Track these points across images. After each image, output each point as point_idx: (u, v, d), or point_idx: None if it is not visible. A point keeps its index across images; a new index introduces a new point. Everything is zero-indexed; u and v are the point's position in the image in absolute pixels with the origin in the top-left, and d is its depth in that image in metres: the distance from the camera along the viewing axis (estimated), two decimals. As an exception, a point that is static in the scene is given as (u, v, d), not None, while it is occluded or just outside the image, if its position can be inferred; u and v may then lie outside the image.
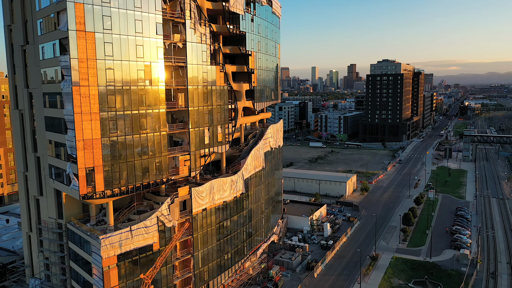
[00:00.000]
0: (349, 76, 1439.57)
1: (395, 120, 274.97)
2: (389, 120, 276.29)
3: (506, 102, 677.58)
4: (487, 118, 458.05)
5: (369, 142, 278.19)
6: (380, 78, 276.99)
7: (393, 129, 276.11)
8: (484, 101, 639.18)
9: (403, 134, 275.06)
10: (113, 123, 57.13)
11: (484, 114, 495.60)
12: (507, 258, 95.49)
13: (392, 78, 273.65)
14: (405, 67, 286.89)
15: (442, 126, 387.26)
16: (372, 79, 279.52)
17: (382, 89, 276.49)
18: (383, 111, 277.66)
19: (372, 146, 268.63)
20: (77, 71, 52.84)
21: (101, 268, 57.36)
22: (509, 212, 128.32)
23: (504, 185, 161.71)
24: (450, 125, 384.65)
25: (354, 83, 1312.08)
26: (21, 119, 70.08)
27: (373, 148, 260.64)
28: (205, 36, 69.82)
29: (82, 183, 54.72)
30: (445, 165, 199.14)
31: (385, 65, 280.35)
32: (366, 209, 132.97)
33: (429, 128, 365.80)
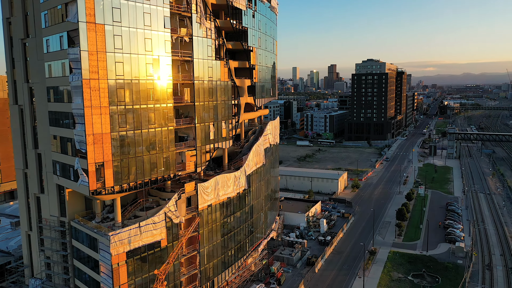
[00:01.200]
0: (329, 76, 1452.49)
1: (380, 118, 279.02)
2: (374, 119, 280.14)
3: (482, 102, 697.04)
4: (466, 117, 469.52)
5: (354, 141, 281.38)
6: (365, 77, 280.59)
7: (378, 127, 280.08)
8: (462, 101, 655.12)
9: (388, 132, 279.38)
10: (122, 117, 56.19)
11: (462, 113, 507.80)
12: (500, 250, 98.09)
13: (377, 77, 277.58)
14: (389, 66, 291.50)
15: (424, 125, 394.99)
16: (357, 78, 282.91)
17: (367, 88, 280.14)
18: (368, 110, 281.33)
19: (357, 144, 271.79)
20: (87, 64, 51.76)
21: (110, 265, 56.29)
22: (496, 206, 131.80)
23: (489, 181, 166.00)
24: (432, 124, 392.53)
25: (334, 83, 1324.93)
26: (20, 114, 68.12)
27: (359, 147, 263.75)
28: (211, 30, 69.37)
29: (92, 179, 53.60)
30: (431, 162, 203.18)
31: (369, 65, 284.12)
32: (358, 206, 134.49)
33: (411, 127, 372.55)
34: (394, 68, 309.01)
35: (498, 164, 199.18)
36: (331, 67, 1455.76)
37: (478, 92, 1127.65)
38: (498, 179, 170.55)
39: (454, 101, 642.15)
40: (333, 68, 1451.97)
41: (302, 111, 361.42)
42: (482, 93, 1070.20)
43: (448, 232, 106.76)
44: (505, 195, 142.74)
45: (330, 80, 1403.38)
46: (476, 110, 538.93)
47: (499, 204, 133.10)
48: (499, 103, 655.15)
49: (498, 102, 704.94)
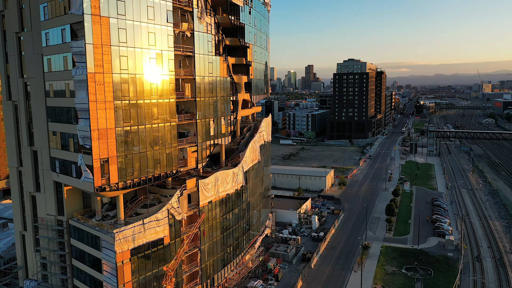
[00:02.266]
0: (306, 76, 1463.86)
1: (361, 117, 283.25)
2: (356, 118, 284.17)
3: (455, 102, 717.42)
4: (441, 116, 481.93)
5: (336, 139, 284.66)
6: (346, 76, 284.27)
7: (359, 126, 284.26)
8: (437, 101, 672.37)
9: (369, 131, 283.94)
10: (127, 112, 55.19)
11: (438, 112, 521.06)
12: (487, 243, 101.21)
13: (358, 76, 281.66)
14: (370, 66, 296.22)
15: (402, 123, 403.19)
16: (339, 78, 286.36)
17: (349, 87, 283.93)
18: (349, 109, 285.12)
19: (339, 143, 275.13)
20: (92, 58, 50.61)
21: (114, 263, 55.21)
22: (480, 201, 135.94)
23: (470, 177, 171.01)
24: (409, 123, 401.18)
25: (311, 83, 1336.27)
26: (14, 110, 65.99)
27: (341, 145, 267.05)
28: (211, 26, 68.97)
29: (96, 175, 52.44)
30: (412, 160, 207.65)
31: (351, 64, 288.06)
32: (347, 202, 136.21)
33: (390, 126, 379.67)
34: (374, 68, 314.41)
35: (476, 161, 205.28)
36: (308, 67, 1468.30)
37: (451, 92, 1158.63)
38: (478, 175, 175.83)
39: (429, 101, 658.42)
40: (310, 69, 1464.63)
41: (284, 111, 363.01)
42: (454, 93, 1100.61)
43: (437, 226, 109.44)
44: (486, 191, 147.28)
45: (307, 81, 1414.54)
46: (450, 110, 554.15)
47: (481, 199, 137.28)
48: (471, 103, 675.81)
49: (470, 102, 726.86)
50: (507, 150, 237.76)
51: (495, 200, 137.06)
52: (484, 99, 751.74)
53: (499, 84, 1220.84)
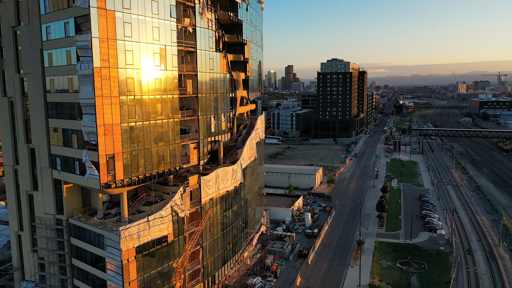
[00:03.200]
0: (286, 77, 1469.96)
1: (345, 116, 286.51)
2: (339, 117, 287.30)
3: (432, 101, 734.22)
4: (420, 115, 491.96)
5: (321, 138, 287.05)
6: (330, 76, 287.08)
7: (343, 125, 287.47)
8: (415, 101, 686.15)
9: (353, 130, 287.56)
10: (132, 107, 54.39)
11: (417, 112, 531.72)
12: (476, 236, 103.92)
13: (341, 76, 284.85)
14: (353, 66, 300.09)
15: (382, 123, 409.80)
16: (322, 77, 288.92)
17: (332, 86, 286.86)
18: (333, 108, 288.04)
19: (324, 142, 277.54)
20: (98, 52, 49.68)
21: (120, 262, 54.28)
22: (465, 196, 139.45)
23: (454, 174, 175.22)
24: (390, 122, 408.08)
25: (291, 83, 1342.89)
26: (10, 107, 64.09)
27: (326, 144, 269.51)
28: (212, 22, 68.65)
29: (103, 171, 51.48)
30: (397, 158, 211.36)
31: (334, 64, 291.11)
32: (337, 199, 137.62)
33: (372, 125, 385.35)
34: (356, 67, 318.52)
35: (458, 158, 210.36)
36: (288, 68, 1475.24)
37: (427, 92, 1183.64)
38: (461, 172, 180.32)
39: (408, 100, 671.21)
40: (290, 69, 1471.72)
41: (267, 110, 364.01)
42: (431, 93, 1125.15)
43: (427, 221, 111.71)
44: (470, 187, 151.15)
45: (287, 81, 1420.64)
46: (429, 109, 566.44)
47: (467, 195, 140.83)
48: (447, 103, 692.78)
49: (447, 101, 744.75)
50: (486, 147, 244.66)
51: (479, 196, 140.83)
52: (460, 99, 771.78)
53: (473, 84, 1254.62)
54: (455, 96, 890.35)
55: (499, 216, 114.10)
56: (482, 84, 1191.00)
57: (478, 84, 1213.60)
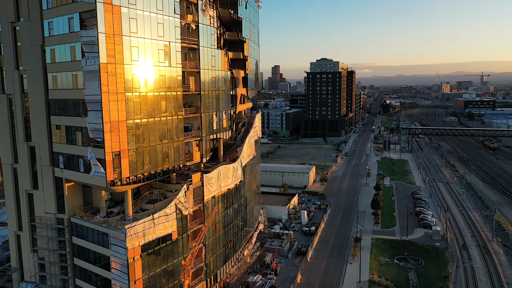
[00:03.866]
0: (273, 77, 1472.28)
1: (335, 116, 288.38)
2: (329, 116, 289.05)
3: (418, 101, 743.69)
4: (406, 114, 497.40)
5: (310, 138, 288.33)
6: (319, 75, 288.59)
7: (333, 124, 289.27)
8: (401, 100, 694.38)
9: (342, 129, 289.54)
10: (137, 104, 53.87)
11: (403, 111, 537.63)
12: (470, 232, 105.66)
13: (331, 76, 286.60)
14: (341, 65, 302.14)
15: (370, 122, 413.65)
16: (312, 77, 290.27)
17: (322, 86, 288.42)
18: (323, 108, 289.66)
19: (314, 141, 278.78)
20: (105, 47, 49.09)
21: (125, 260, 53.73)
22: (457, 193, 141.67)
23: (444, 171, 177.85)
24: (377, 121, 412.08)
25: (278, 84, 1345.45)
26: (9, 104, 62.79)
27: (316, 143, 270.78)
28: (214, 19, 68.42)
29: (109, 169, 50.91)
30: (387, 156, 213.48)
31: (324, 64, 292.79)
32: (331, 197, 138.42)
33: (360, 124, 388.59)
34: (345, 67, 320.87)
35: (447, 156, 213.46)
36: (275, 68, 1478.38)
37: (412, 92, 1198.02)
38: (451, 169, 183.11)
39: (394, 100, 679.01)
40: (276, 69, 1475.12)
41: (256, 110, 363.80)
42: (416, 93, 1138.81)
43: (421, 218, 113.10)
44: (461, 184, 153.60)
45: (274, 81, 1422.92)
46: (414, 109, 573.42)
47: (458, 192, 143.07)
48: (432, 102, 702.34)
49: (432, 101, 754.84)
50: (473, 146, 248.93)
51: (470, 193, 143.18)
52: (444, 99, 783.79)
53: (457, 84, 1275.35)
54: (440, 96, 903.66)
55: (491, 212, 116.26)
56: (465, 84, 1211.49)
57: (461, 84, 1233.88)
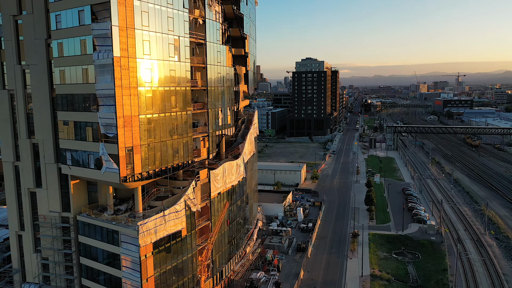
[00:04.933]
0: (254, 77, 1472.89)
1: (320, 115, 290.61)
2: (315, 115, 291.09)
3: (397, 101, 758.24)
4: (388, 114, 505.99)
5: (296, 137, 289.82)
6: (305, 75, 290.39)
7: (318, 123, 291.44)
8: (381, 100, 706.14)
9: (328, 128, 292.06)
10: (149, 99, 53.10)
11: (384, 110, 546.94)
12: (462, 226, 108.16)
13: (316, 75, 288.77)
14: (326, 65, 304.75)
15: (353, 121, 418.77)
16: (297, 76, 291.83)
17: (307, 85, 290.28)
18: (308, 107, 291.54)
19: (300, 140, 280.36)
20: (118, 41, 48.19)
21: (137, 258, 52.86)
22: (445, 189, 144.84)
23: (431, 168, 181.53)
24: (360, 120, 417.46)
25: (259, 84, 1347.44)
26: (10, 100, 60.92)
27: (302, 142, 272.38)
28: (219, 14, 68.03)
29: (122, 165, 50.00)
30: (373, 154, 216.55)
31: (309, 63, 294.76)
32: (324, 195, 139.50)
33: (343, 123, 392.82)
34: (329, 66, 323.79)
35: (431, 154, 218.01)
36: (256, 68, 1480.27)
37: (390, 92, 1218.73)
38: (437, 166, 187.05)
39: (375, 100, 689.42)
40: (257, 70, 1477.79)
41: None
42: (394, 93, 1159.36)
43: (414, 213, 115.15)
44: (447, 180, 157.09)
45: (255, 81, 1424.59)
46: (395, 108, 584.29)
47: (446, 188, 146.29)
48: (411, 102, 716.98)
49: (410, 101, 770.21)
50: (454, 143, 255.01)
51: (458, 189, 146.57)
52: (422, 99, 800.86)
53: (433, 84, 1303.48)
54: (417, 96, 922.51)
55: (482, 207, 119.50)
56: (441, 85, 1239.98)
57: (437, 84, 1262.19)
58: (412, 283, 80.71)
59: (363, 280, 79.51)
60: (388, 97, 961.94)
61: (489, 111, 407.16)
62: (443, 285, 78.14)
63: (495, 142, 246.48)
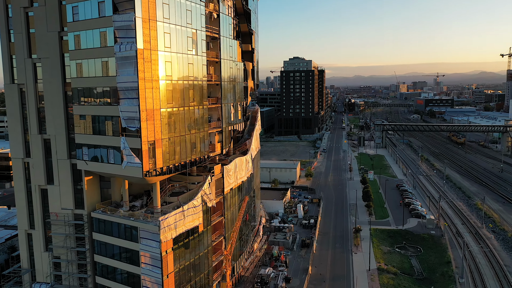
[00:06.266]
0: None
1: (308, 114, 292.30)
2: (303, 114, 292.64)
3: (379, 100, 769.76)
4: (371, 113, 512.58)
5: (284, 135, 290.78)
6: (293, 74, 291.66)
7: (306, 122, 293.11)
8: (364, 100, 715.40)
9: (316, 127, 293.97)
10: (170, 93, 52.42)
11: (367, 110, 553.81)
12: (460, 220, 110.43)
13: (304, 74, 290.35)
14: (314, 64, 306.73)
15: (338, 120, 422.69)
16: (286, 75, 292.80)
17: (295, 84, 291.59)
18: (296, 106, 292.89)
19: (289, 139, 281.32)
20: (141, 33, 47.43)
21: (158, 254, 52.24)
22: (438, 185, 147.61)
23: (421, 165, 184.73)
24: (345, 119, 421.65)
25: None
26: (20, 95, 59.21)
27: (291, 141, 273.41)
28: (231, 9, 67.70)
29: (145, 159, 49.28)
30: (363, 152, 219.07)
31: (297, 62, 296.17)
32: (320, 191, 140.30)
33: (329, 122, 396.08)
34: (316, 66, 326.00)
35: (419, 151, 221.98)
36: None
37: (371, 92, 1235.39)
38: (426, 163, 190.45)
39: (358, 99, 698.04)
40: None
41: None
42: (374, 93, 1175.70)
43: (412, 208, 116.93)
44: (438, 176, 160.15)
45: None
46: (378, 107, 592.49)
47: (439, 183, 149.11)
48: (392, 102, 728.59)
49: (391, 100, 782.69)
50: (440, 141, 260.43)
51: (449, 184, 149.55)
52: (402, 98, 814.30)
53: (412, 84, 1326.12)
54: (398, 96, 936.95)
55: (474, 202, 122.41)
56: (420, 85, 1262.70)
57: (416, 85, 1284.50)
58: (417, 275, 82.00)
59: (371, 274, 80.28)
60: (369, 97, 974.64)
61: (469, 110, 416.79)
62: (448, 277, 79.56)
63: (479, 139, 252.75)
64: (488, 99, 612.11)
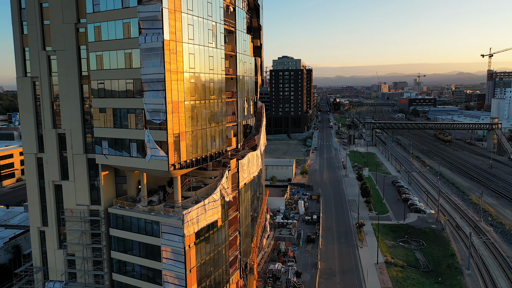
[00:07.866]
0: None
1: (297, 112, 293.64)
2: (292, 113, 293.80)
3: (362, 100, 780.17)
4: (356, 112, 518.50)
5: (274, 134, 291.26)
6: (282, 73, 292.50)
7: (296, 121, 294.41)
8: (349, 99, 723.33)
9: (305, 125, 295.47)
10: (193, 85, 51.87)
11: (352, 109, 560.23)
12: (458, 214, 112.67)
13: (293, 73, 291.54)
14: (302, 63, 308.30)
15: (325, 119, 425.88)
16: (275, 74, 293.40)
17: (285, 83, 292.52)
18: (286, 104, 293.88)
19: (278, 137, 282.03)
20: (168, 24, 46.80)
21: (181, 248, 51.45)
22: (432, 181, 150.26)
23: (413, 162, 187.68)
24: (331, 118, 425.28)
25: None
26: (33, 88, 57.62)
27: (282, 139, 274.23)
28: (244, 3, 67.43)
29: (171, 152, 48.59)
30: (354, 150, 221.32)
31: (286, 61, 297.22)
32: (318, 188, 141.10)
33: (316, 121, 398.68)
34: (305, 65, 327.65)
35: (409, 149, 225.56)
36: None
37: (353, 92, 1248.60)
38: (417, 160, 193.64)
39: (343, 99, 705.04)
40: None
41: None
42: (357, 93, 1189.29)
43: (410, 203, 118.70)
44: (431, 172, 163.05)
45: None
46: (362, 107, 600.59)
47: (433, 180, 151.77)
48: (375, 101, 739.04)
49: (374, 100, 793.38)
50: (427, 139, 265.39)
51: (443, 180, 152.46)
52: (385, 98, 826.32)
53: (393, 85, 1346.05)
54: (380, 96, 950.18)
55: (469, 197, 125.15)
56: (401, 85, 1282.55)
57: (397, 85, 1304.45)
58: (424, 268, 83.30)
59: (379, 267, 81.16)
60: (352, 96, 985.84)
61: (452, 109, 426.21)
62: (455, 269, 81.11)
63: (464, 137, 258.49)
64: (468, 98, 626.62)
